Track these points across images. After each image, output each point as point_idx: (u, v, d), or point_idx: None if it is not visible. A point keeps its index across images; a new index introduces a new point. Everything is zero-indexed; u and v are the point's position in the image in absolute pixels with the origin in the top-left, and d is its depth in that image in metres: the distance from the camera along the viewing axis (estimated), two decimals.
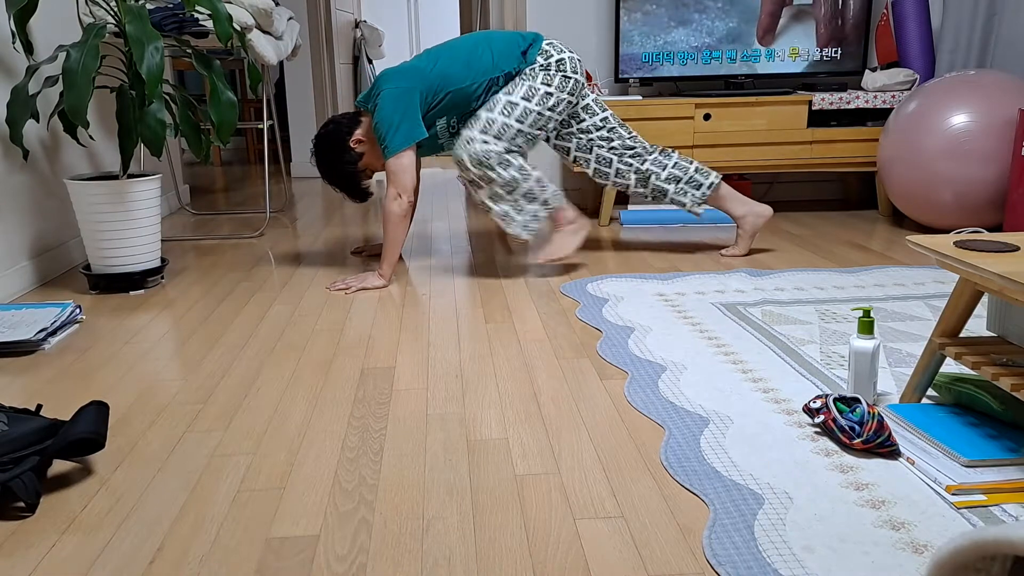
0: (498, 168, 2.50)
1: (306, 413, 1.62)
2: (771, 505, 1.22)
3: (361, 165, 2.64)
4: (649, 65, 3.54)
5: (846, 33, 3.54)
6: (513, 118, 2.51)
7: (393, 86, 2.49)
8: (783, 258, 2.80)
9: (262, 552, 1.15)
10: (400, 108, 2.47)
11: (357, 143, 2.60)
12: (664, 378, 1.74)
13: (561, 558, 1.12)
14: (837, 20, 3.53)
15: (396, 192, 2.51)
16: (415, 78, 2.51)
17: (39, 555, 1.16)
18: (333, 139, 2.61)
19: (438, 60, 2.55)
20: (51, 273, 2.70)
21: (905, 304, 2.23)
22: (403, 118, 2.47)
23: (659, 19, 3.49)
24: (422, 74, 2.52)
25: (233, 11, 3.10)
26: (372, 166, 2.67)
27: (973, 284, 1.41)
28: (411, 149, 2.50)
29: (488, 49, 2.57)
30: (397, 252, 2.57)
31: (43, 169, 2.68)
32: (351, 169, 2.63)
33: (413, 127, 2.49)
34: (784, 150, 3.46)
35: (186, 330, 2.16)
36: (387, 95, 2.49)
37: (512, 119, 2.51)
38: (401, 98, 2.48)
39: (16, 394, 1.75)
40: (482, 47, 2.57)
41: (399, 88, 2.48)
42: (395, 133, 2.47)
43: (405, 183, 2.50)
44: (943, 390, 1.54)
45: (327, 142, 2.62)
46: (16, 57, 2.56)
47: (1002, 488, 1.24)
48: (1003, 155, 2.87)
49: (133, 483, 1.35)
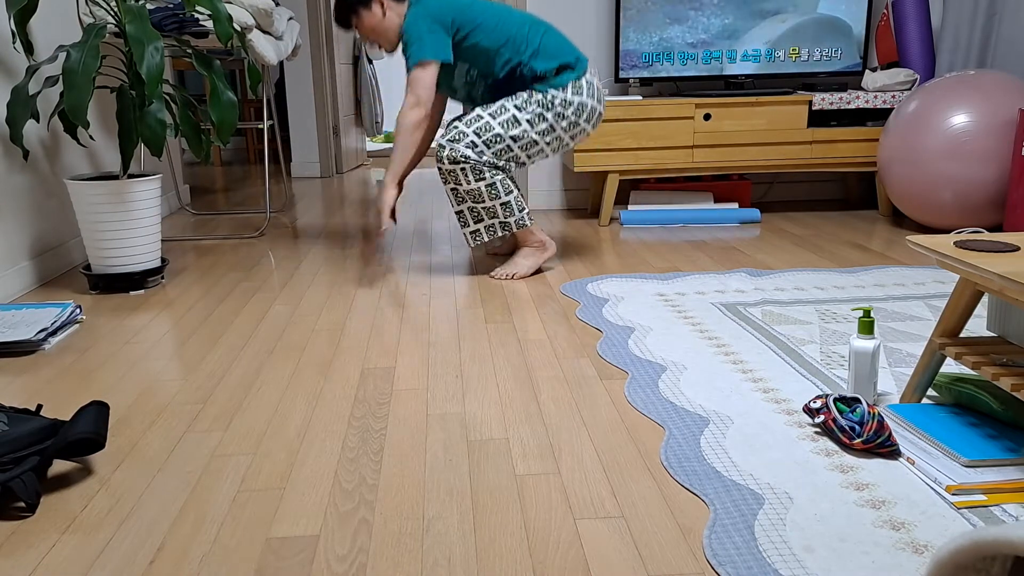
0: (470, 175, 2.49)
1: (306, 413, 1.62)
2: (771, 505, 1.22)
3: (367, 21, 2.56)
4: (649, 65, 3.54)
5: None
6: (509, 134, 2.49)
7: (431, 5, 2.45)
8: (783, 258, 2.80)
9: (262, 552, 1.15)
10: (435, 23, 2.44)
11: (380, 3, 2.54)
12: (664, 378, 1.74)
13: (561, 558, 1.12)
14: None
15: (414, 100, 2.46)
16: (452, 11, 2.47)
17: (39, 555, 1.16)
18: None
19: (485, 11, 2.50)
20: (51, 273, 2.70)
21: (905, 304, 2.23)
22: (434, 33, 2.44)
23: (658, 19, 3.49)
24: (458, 12, 2.47)
25: (233, 11, 3.10)
26: (374, 33, 2.59)
27: (973, 284, 1.41)
28: (434, 65, 2.45)
29: (537, 35, 2.52)
30: (404, 161, 2.54)
31: (43, 169, 2.68)
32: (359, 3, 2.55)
33: (441, 45, 2.45)
34: (784, 150, 3.46)
35: (186, 330, 2.16)
36: (422, 9, 2.45)
37: (508, 135, 2.49)
38: (433, 19, 2.45)
39: (16, 394, 1.75)
40: (533, 30, 2.53)
41: (435, 10, 2.45)
42: (422, 43, 2.43)
43: (423, 94, 2.45)
44: (943, 390, 1.54)
45: None
46: (16, 57, 2.56)
47: (1002, 488, 1.24)
48: (1003, 155, 2.87)
49: (133, 483, 1.35)
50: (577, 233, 3.31)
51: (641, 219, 3.44)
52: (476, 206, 2.56)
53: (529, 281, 2.58)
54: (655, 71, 3.54)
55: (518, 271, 2.62)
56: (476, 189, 2.51)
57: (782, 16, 3.51)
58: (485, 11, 2.51)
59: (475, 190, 2.51)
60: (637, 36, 3.49)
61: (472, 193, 2.52)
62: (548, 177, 3.86)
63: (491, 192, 2.52)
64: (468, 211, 2.59)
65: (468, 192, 2.53)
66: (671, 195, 3.60)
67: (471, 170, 2.48)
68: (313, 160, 5.36)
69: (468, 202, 2.57)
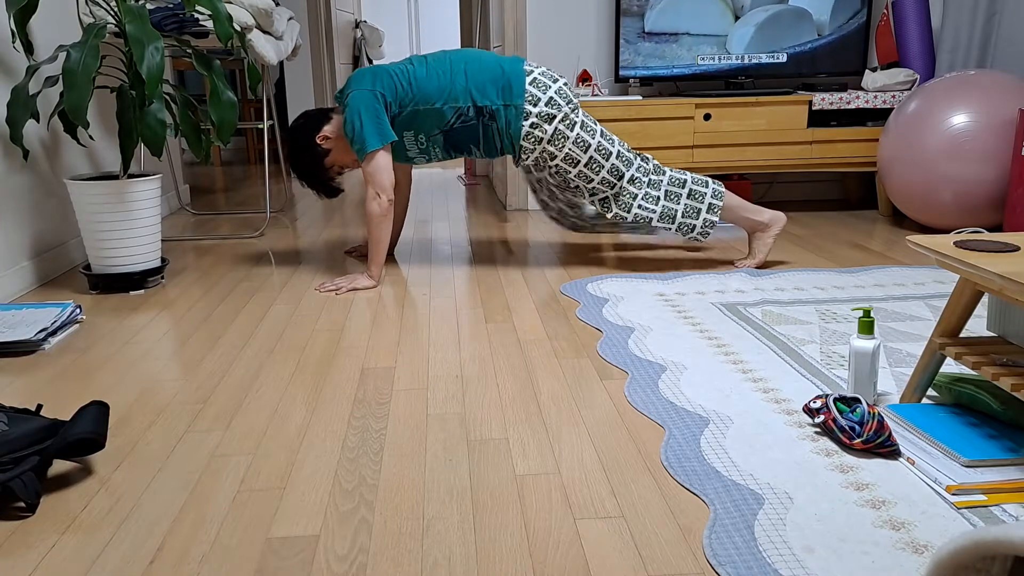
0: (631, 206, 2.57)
1: (306, 413, 1.62)
2: (771, 505, 1.22)
3: (328, 162, 2.63)
4: (649, 65, 3.54)
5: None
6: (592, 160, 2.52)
7: (362, 89, 2.47)
8: (783, 258, 2.80)
9: (262, 552, 1.15)
10: (369, 111, 2.45)
11: (324, 139, 2.59)
12: (664, 378, 1.74)
13: (561, 558, 1.12)
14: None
15: (374, 192, 2.49)
16: (386, 83, 2.48)
17: (39, 555, 1.16)
18: (300, 133, 2.61)
19: (410, 77, 2.50)
20: (51, 273, 2.70)
21: (905, 304, 2.23)
22: (371, 120, 2.45)
23: (658, 18, 3.49)
24: (394, 80, 2.49)
25: (233, 11, 3.10)
26: (341, 162, 2.65)
27: (973, 284, 1.41)
28: (385, 149, 2.48)
29: (463, 74, 2.49)
30: (383, 252, 2.55)
31: (43, 169, 2.68)
32: (317, 164, 2.63)
33: (382, 129, 2.47)
34: (784, 150, 3.46)
35: (186, 330, 2.16)
36: (355, 97, 2.47)
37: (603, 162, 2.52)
38: (369, 101, 2.46)
39: (16, 394, 1.75)
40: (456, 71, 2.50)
41: (367, 92, 2.46)
42: (365, 135, 2.45)
43: (382, 183, 2.48)
44: (943, 390, 1.54)
45: (294, 135, 2.61)
46: (16, 57, 2.56)
47: (1002, 488, 1.24)
48: (1003, 155, 2.87)
49: (133, 483, 1.35)
50: (577, 233, 3.31)
51: None
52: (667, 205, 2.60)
53: (529, 281, 2.58)
54: (655, 71, 3.54)
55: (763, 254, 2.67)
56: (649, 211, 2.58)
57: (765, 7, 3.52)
58: (410, 76, 2.51)
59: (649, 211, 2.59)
60: (638, 39, 3.50)
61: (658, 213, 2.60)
62: None
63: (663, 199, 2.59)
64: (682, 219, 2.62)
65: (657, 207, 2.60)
66: None
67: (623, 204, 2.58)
68: None
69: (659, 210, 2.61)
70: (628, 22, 3.48)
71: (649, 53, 3.52)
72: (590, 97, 3.51)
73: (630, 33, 3.49)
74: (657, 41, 3.51)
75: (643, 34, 3.50)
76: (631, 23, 3.49)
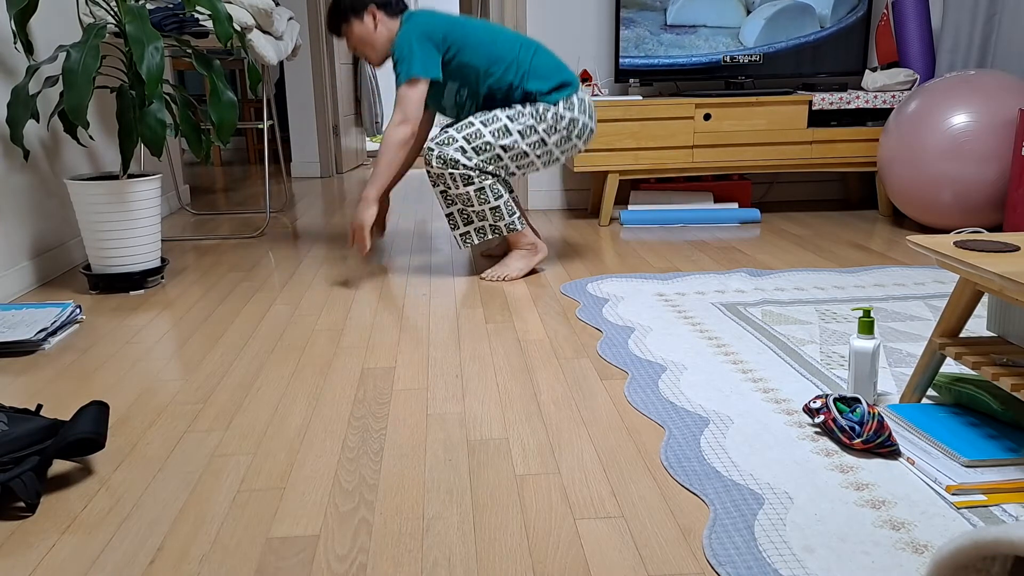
0: (458, 180, 2.49)
1: (306, 413, 1.62)
2: (771, 505, 1.22)
3: (356, 38, 2.58)
4: (649, 65, 3.54)
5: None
6: (499, 143, 2.48)
7: (422, 22, 2.47)
8: (783, 258, 2.80)
9: (262, 552, 1.15)
10: (425, 42, 2.45)
11: (374, 16, 2.54)
12: (664, 378, 1.74)
13: (561, 558, 1.12)
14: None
15: (401, 117, 2.46)
16: (443, 29, 2.48)
17: (39, 555, 1.16)
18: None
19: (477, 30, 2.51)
20: (51, 273, 2.70)
21: (905, 304, 2.23)
22: (424, 50, 2.45)
23: (657, 18, 3.49)
24: (449, 30, 2.49)
25: (233, 11, 3.10)
26: (364, 48, 2.61)
27: (973, 284, 1.41)
28: (423, 82, 2.46)
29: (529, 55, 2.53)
30: (387, 178, 2.51)
31: (43, 169, 2.68)
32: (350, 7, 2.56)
33: (431, 62, 2.46)
34: (784, 150, 3.46)
35: (186, 330, 2.16)
36: (413, 26, 2.46)
37: (497, 143, 2.48)
38: (431, 33, 2.46)
39: (16, 394, 1.75)
40: (524, 51, 2.54)
41: (427, 28, 2.46)
42: (414, 60, 2.44)
43: (411, 111, 2.45)
44: (943, 390, 1.54)
45: None
46: (16, 57, 2.56)
47: (1002, 488, 1.24)
48: (1003, 155, 2.87)
49: (133, 483, 1.35)
50: (577, 233, 3.31)
51: (641, 219, 3.44)
52: (466, 209, 2.57)
53: (529, 281, 2.58)
54: (655, 71, 3.54)
55: (509, 273, 2.61)
56: (465, 193, 2.51)
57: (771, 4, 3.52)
58: (477, 30, 2.52)
59: (464, 194, 2.51)
60: (638, 38, 3.50)
61: (461, 197, 2.52)
62: (548, 177, 3.86)
63: (480, 197, 2.52)
64: (458, 213, 2.59)
65: (457, 196, 2.53)
66: (671, 195, 3.60)
67: (459, 175, 2.48)
68: (313, 160, 5.36)
69: (458, 205, 2.57)
70: (649, 16, 3.48)
71: (671, 44, 3.52)
72: (590, 97, 3.51)
73: (653, 26, 3.49)
74: (678, 33, 3.51)
75: (665, 27, 3.50)
76: (652, 16, 3.48)
